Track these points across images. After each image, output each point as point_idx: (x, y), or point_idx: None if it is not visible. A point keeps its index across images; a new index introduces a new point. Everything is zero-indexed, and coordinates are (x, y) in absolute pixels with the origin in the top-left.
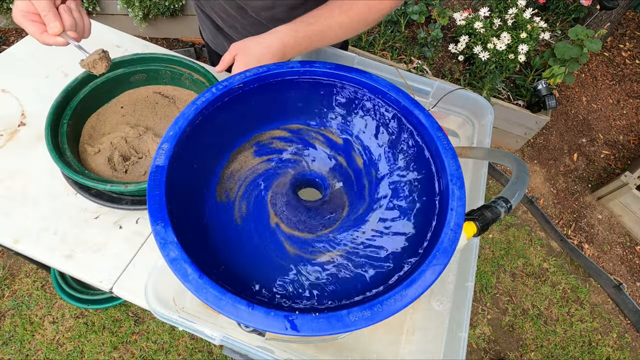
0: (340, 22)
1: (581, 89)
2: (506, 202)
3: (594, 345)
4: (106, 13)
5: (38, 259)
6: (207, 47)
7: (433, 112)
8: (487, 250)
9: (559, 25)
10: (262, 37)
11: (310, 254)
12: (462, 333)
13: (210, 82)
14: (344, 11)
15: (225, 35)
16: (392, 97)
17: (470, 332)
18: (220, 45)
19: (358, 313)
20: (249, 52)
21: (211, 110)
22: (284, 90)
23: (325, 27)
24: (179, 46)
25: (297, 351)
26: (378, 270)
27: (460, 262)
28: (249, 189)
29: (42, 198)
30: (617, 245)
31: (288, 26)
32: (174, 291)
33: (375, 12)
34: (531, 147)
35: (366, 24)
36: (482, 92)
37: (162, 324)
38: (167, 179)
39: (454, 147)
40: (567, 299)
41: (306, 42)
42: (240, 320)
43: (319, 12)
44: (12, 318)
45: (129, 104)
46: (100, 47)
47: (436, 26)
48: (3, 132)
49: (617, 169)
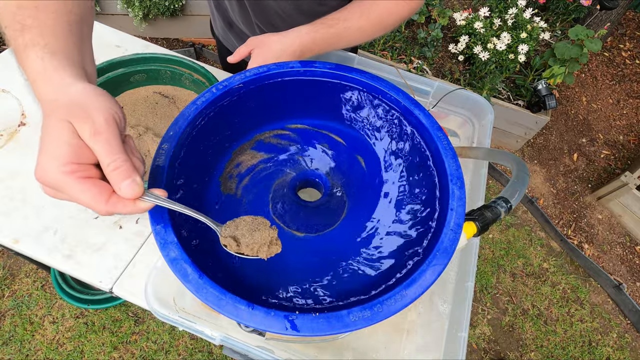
0: (360, 26)
1: (581, 89)
2: (506, 202)
3: (594, 345)
4: (106, 13)
5: (38, 259)
6: (218, 42)
7: (433, 112)
8: (487, 250)
9: (559, 25)
10: (281, 36)
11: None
12: (462, 333)
13: (210, 82)
14: (364, 15)
15: (236, 33)
16: (392, 97)
17: (470, 332)
18: (230, 42)
19: (358, 313)
20: (269, 48)
21: (211, 110)
22: (284, 90)
23: (344, 30)
24: (179, 46)
25: (297, 351)
26: (378, 270)
27: (460, 262)
28: (249, 189)
29: (42, 198)
30: (617, 245)
31: (308, 27)
32: (174, 291)
33: (395, 17)
34: (531, 147)
35: (384, 29)
36: (482, 92)
37: (162, 324)
38: (167, 179)
39: (454, 147)
40: (567, 299)
41: (324, 44)
42: (241, 320)
43: (339, 15)
44: (12, 318)
45: (129, 104)
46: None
47: (436, 26)
48: (3, 132)
49: (617, 169)
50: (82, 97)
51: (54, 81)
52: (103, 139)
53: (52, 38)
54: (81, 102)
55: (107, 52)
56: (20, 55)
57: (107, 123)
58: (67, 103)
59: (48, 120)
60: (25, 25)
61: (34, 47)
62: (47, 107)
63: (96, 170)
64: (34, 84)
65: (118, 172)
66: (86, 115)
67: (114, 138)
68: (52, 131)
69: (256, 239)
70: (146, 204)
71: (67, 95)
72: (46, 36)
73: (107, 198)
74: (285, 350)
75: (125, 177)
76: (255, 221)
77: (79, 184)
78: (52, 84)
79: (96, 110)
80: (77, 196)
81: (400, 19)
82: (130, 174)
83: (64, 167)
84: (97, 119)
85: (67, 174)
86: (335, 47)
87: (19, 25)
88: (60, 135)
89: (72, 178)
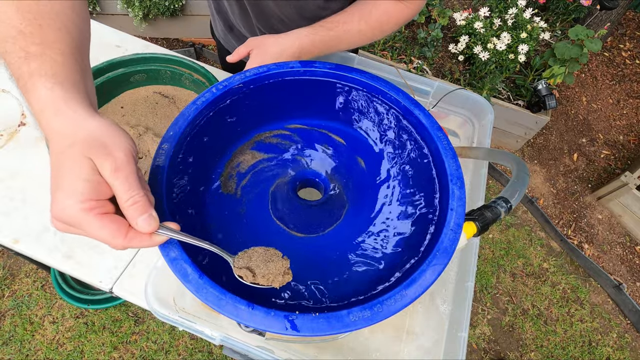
0: (359, 29)
1: (581, 89)
2: (506, 202)
3: (594, 345)
4: (106, 13)
5: (38, 259)
6: (218, 43)
7: (433, 112)
8: (487, 250)
9: (559, 25)
10: (281, 37)
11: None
12: (462, 333)
13: (210, 82)
14: (363, 18)
15: (237, 35)
16: (392, 97)
17: (470, 332)
18: (230, 43)
19: (358, 313)
20: (266, 50)
21: (211, 110)
22: (284, 90)
23: (343, 33)
24: (179, 46)
25: (297, 351)
26: (378, 270)
27: (460, 262)
28: (249, 189)
29: (42, 198)
30: (617, 245)
31: (308, 29)
32: (174, 291)
33: (394, 20)
34: (531, 147)
35: (383, 32)
36: (482, 92)
37: (162, 324)
38: (167, 179)
39: (454, 147)
40: (567, 299)
41: (323, 46)
42: (240, 320)
43: (339, 18)
44: (12, 318)
45: (129, 104)
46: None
47: (436, 26)
48: (3, 132)
49: (617, 169)
50: (101, 133)
51: (67, 114)
52: (123, 176)
53: (59, 67)
54: (101, 138)
55: (107, 52)
56: (25, 83)
57: (127, 159)
58: (86, 139)
59: (63, 155)
60: (29, 52)
61: (42, 77)
62: (60, 140)
63: (111, 205)
64: (41, 114)
65: (135, 207)
66: (107, 151)
67: (132, 174)
68: (70, 167)
69: (271, 269)
70: (161, 238)
71: (85, 130)
72: (54, 65)
73: (125, 233)
74: (285, 350)
75: (142, 212)
76: (268, 252)
77: (98, 221)
78: (65, 116)
79: (116, 146)
80: (95, 233)
81: (400, 23)
82: (147, 209)
83: (82, 204)
84: (118, 155)
85: (86, 211)
86: (334, 49)
87: (22, 53)
88: (80, 172)
89: (91, 215)
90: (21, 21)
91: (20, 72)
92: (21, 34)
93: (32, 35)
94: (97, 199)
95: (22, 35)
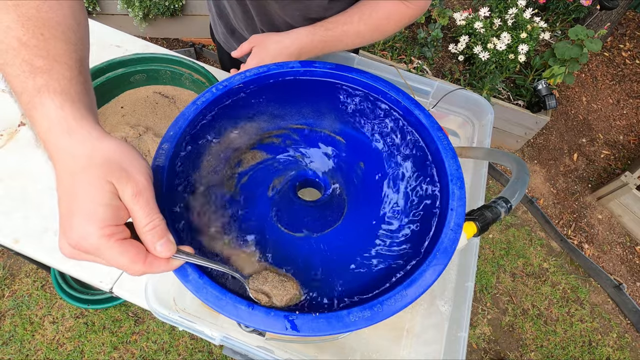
0: (358, 30)
1: (581, 89)
2: (506, 202)
3: (594, 345)
4: (106, 13)
5: (38, 259)
6: (219, 46)
7: (433, 112)
8: (487, 250)
9: (559, 25)
10: (281, 36)
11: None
12: (462, 333)
13: (210, 82)
14: (363, 20)
15: (238, 39)
16: (392, 97)
17: (470, 332)
18: (232, 47)
19: (358, 313)
20: (266, 48)
21: (211, 110)
22: (284, 90)
23: (342, 34)
24: (179, 46)
25: (297, 351)
26: (378, 270)
27: (460, 262)
28: (249, 189)
29: (42, 198)
30: (617, 246)
31: (308, 29)
32: (174, 291)
33: (394, 23)
34: (531, 147)
35: (383, 34)
36: (482, 92)
37: (162, 324)
38: (167, 179)
39: (454, 147)
40: (567, 299)
41: (323, 46)
42: (241, 320)
43: (339, 18)
44: (12, 318)
45: (129, 104)
46: (100, 61)
47: (436, 26)
48: (3, 132)
49: (617, 169)
50: (119, 156)
51: (79, 133)
52: (144, 200)
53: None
54: (119, 161)
55: (107, 52)
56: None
57: (147, 183)
58: (105, 161)
59: (77, 177)
60: (35, 66)
61: (50, 94)
62: (71, 161)
63: (128, 230)
64: (48, 133)
65: (154, 232)
66: (128, 175)
67: (152, 198)
68: (87, 190)
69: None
70: (178, 262)
71: (101, 152)
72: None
73: (145, 258)
74: (285, 350)
75: (161, 237)
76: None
77: (119, 247)
78: (77, 136)
79: (136, 170)
80: (115, 259)
81: (402, 24)
82: (165, 233)
83: (102, 230)
84: (139, 179)
85: (107, 237)
86: (333, 50)
87: (26, 66)
88: (100, 196)
89: (112, 241)
90: (22, 30)
91: (24, 87)
92: (24, 46)
93: (37, 48)
94: (116, 224)
95: (24, 47)
